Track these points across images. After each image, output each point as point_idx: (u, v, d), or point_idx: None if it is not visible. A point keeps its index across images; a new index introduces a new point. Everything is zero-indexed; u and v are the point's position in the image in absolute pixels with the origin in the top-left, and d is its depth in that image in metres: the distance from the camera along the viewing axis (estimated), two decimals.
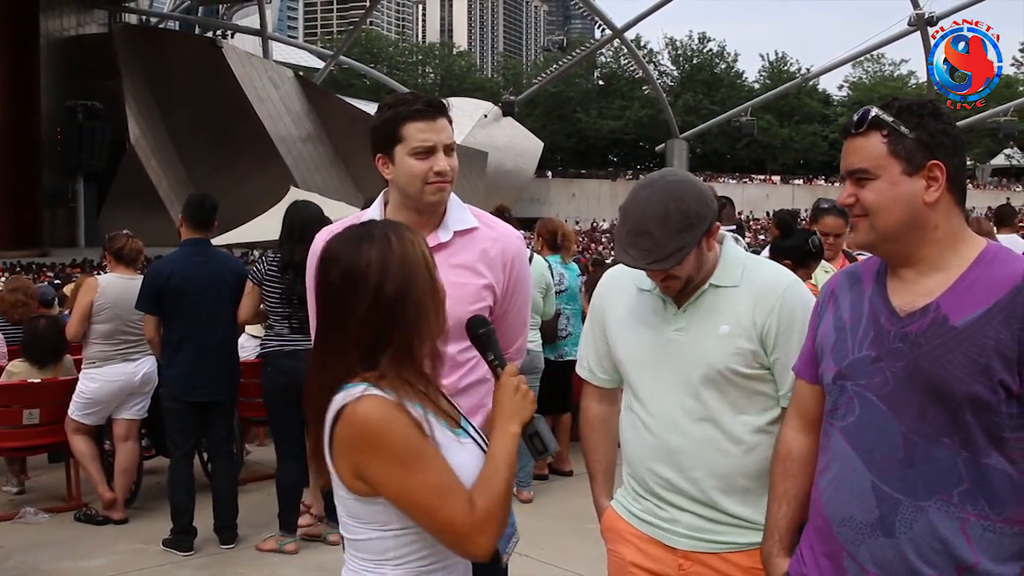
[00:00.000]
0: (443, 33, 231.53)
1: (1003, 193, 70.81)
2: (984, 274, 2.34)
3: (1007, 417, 2.27)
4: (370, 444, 2.22)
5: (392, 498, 2.26)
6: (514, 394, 2.40)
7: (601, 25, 72.66)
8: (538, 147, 68.55)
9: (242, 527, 6.97)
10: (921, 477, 2.33)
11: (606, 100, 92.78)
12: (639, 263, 2.82)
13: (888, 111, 2.41)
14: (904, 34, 66.34)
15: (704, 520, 2.95)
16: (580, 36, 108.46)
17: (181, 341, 6.65)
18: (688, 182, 2.88)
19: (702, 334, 2.93)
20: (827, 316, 2.61)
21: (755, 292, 2.93)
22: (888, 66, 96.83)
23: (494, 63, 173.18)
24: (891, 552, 2.36)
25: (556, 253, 8.53)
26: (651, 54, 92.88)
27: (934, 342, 2.32)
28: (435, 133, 3.19)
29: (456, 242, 3.33)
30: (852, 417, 2.47)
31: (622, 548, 3.12)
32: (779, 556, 2.71)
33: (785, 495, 2.73)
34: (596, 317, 3.22)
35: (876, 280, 2.52)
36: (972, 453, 2.29)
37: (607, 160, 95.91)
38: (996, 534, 2.29)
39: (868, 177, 2.42)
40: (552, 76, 78.16)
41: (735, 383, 2.92)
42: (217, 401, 6.81)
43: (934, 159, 2.36)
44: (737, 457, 2.92)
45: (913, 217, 2.39)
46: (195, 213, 6.84)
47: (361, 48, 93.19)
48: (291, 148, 54.76)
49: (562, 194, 76.01)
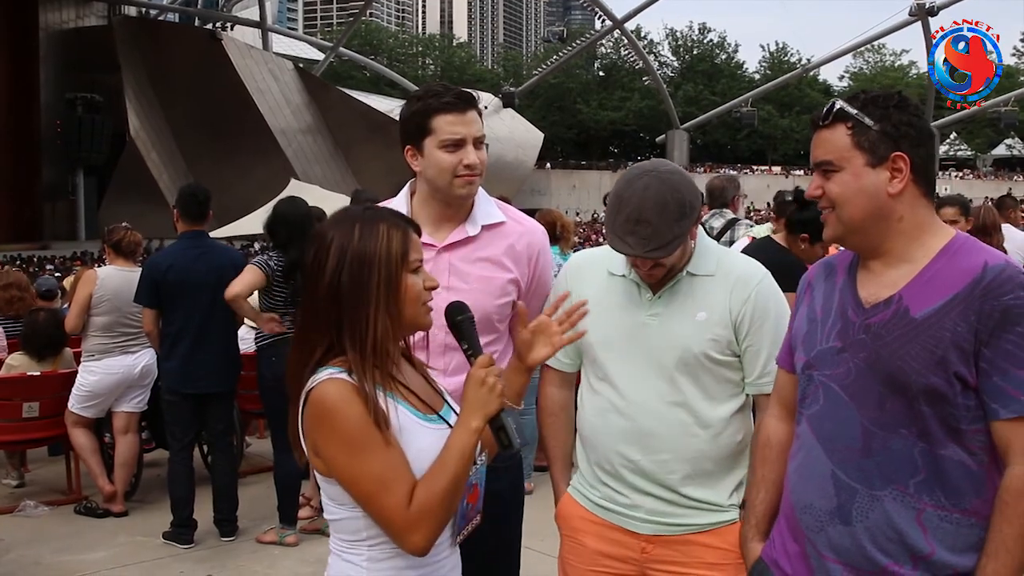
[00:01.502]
0: (443, 24, 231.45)
1: (1004, 183, 70.81)
2: (946, 266, 2.35)
3: (964, 409, 2.29)
4: (323, 424, 2.28)
5: (340, 481, 2.31)
6: (479, 387, 2.35)
7: (601, 16, 72.55)
8: (538, 138, 68.50)
9: (242, 519, 6.98)
10: (877, 467, 2.36)
11: (606, 91, 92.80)
12: (637, 251, 2.86)
13: (853, 103, 2.43)
14: (905, 24, 66.35)
15: (665, 503, 3.02)
16: (580, 27, 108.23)
17: (180, 333, 6.64)
18: (680, 173, 2.95)
19: (678, 320, 2.99)
20: (803, 306, 2.66)
21: (731, 281, 3.01)
22: (889, 56, 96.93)
23: (494, 54, 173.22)
24: (848, 540, 2.39)
25: (555, 244, 8.52)
26: (651, 45, 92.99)
27: (894, 333, 2.35)
28: (465, 126, 3.18)
29: (483, 236, 3.33)
30: (817, 406, 2.51)
31: (584, 537, 3.17)
32: (754, 540, 2.76)
33: (763, 480, 2.78)
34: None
35: (848, 272, 2.55)
36: (929, 444, 2.31)
37: (607, 151, 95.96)
38: (953, 524, 2.31)
39: (833, 169, 2.45)
40: (552, 67, 78.16)
41: (708, 369, 2.99)
42: (216, 393, 6.80)
43: (898, 151, 2.38)
44: (705, 441, 3.00)
45: (877, 208, 2.41)
46: (190, 206, 6.83)
47: (361, 40, 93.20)
48: (291, 140, 54.74)
49: (562, 185, 76.00)
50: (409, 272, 2.38)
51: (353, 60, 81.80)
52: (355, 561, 2.39)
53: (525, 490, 3.69)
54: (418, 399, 2.42)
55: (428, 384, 2.54)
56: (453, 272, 3.26)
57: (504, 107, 66.47)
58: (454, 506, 2.33)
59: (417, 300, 2.40)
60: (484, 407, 2.33)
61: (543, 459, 8.44)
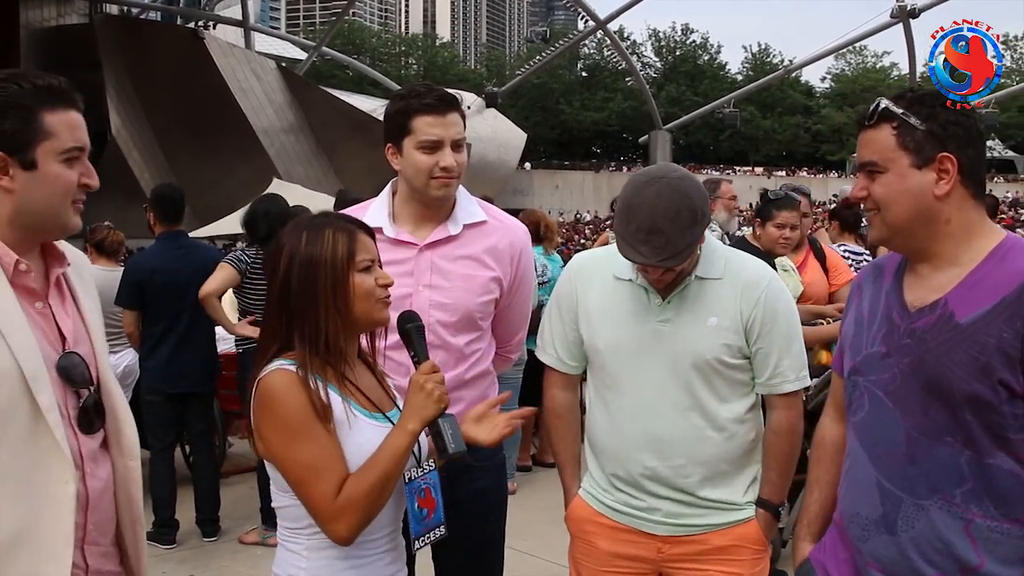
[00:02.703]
0: (426, 24, 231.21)
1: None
2: (995, 270, 2.28)
3: (1011, 418, 2.21)
4: (265, 409, 2.39)
5: (275, 465, 2.42)
6: (418, 392, 2.45)
7: (584, 16, 72.42)
8: (521, 138, 68.39)
9: (225, 520, 6.97)
10: (923, 475, 2.30)
11: (589, 91, 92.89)
12: (651, 260, 2.83)
13: (899, 102, 2.37)
14: (886, 26, 66.41)
15: (682, 506, 3.03)
16: (563, 27, 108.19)
17: (166, 334, 6.62)
18: (691, 179, 2.91)
19: (689, 325, 2.97)
20: (851, 310, 2.60)
21: (740, 284, 2.99)
22: (871, 58, 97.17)
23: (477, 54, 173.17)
24: (894, 550, 2.34)
25: (539, 244, 8.52)
26: (634, 45, 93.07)
27: (939, 339, 2.28)
28: (443, 128, 3.19)
29: (465, 235, 3.34)
30: (862, 413, 2.46)
31: (597, 540, 3.16)
32: (804, 540, 2.73)
33: (817, 481, 2.75)
34: (566, 304, 3.22)
35: (896, 275, 2.48)
36: (975, 453, 2.24)
37: (590, 151, 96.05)
38: (1003, 535, 2.24)
39: (878, 170, 2.38)
40: (535, 67, 77.99)
41: (720, 372, 2.98)
42: (197, 393, 6.78)
43: (945, 151, 2.31)
44: (719, 444, 3.00)
45: (923, 211, 2.34)
46: (167, 207, 6.82)
47: (344, 39, 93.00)
48: (273, 139, 54.49)
49: (545, 185, 75.89)
50: (357, 272, 2.47)
51: (336, 59, 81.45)
52: (296, 549, 2.48)
53: (508, 490, 3.69)
54: (365, 398, 2.50)
55: (380, 386, 2.63)
56: (435, 270, 3.27)
57: (487, 107, 66.30)
58: (381, 501, 2.39)
59: (369, 297, 2.49)
60: (422, 411, 2.44)
61: (526, 459, 8.51)
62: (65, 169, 2.27)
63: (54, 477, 2.20)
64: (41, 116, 2.23)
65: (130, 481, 2.46)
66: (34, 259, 2.33)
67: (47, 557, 2.19)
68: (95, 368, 2.39)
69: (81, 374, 2.32)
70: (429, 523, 2.57)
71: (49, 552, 2.19)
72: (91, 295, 2.53)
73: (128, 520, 2.48)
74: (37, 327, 2.26)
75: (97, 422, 2.37)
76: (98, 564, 2.38)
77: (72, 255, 2.46)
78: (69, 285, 2.43)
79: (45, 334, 2.28)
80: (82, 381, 2.32)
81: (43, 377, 2.20)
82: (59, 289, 2.39)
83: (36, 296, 2.31)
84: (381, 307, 2.53)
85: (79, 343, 2.37)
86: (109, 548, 2.44)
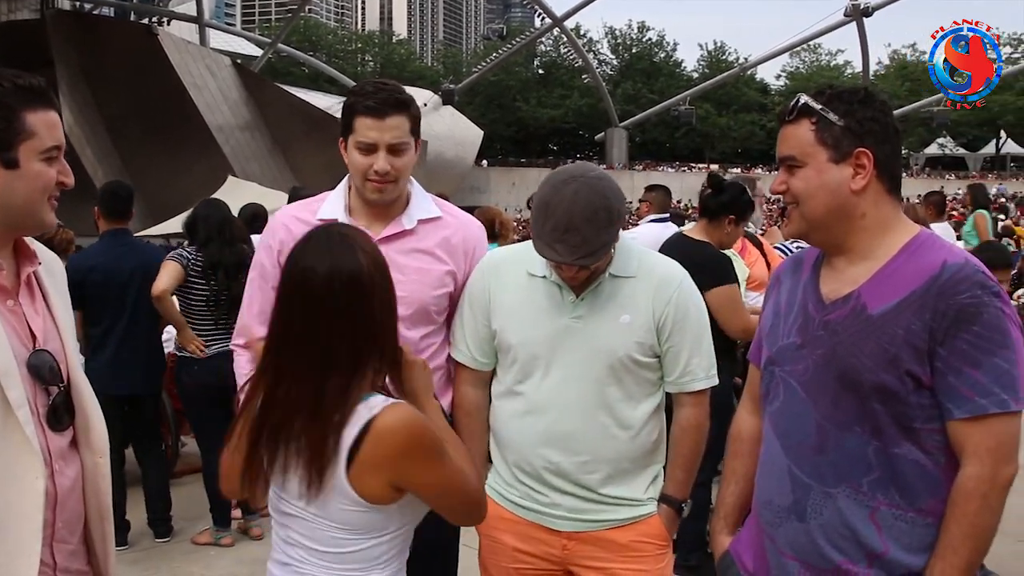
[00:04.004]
0: (383, 21, 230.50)
1: (937, 182, 71.87)
2: (906, 264, 2.33)
3: (917, 408, 2.27)
4: (413, 449, 2.24)
5: (433, 493, 2.31)
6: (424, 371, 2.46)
7: (541, 14, 72.66)
8: (478, 136, 68.43)
9: (178, 520, 6.91)
10: (831, 464, 2.36)
11: (546, 89, 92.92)
12: (567, 258, 2.85)
13: (819, 98, 2.40)
14: (840, 24, 67.18)
15: (584, 501, 3.05)
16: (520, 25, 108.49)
17: (103, 335, 6.51)
18: (608, 179, 2.95)
19: (602, 323, 3.00)
20: (770, 301, 2.65)
21: (654, 283, 3.02)
22: (825, 56, 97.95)
23: (434, 51, 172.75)
24: (803, 536, 2.39)
25: (494, 242, 8.52)
26: (591, 43, 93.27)
27: (851, 330, 2.33)
28: (379, 132, 3.18)
29: (420, 230, 3.36)
30: (777, 402, 2.51)
31: (503, 536, 3.17)
32: (722, 533, 2.77)
33: (733, 474, 2.78)
34: (478, 300, 3.22)
35: (814, 268, 2.53)
36: (882, 442, 2.30)
37: (547, 149, 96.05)
38: (908, 524, 2.30)
39: (796, 164, 2.43)
40: (492, 65, 78.16)
41: (631, 371, 3.01)
42: (142, 394, 6.70)
43: (862, 146, 2.35)
44: (625, 442, 3.03)
45: (839, 205, 2.39)
46: (113, 203, 6.69)
47: (300, 36, 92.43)
48: (229, 137, 54.16)
49: (502, 183, 75.96)
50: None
51: (292, 56, 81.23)
52: None
53: None
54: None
55: None
56: (389, 264, 3.26)
57: (444, 104, 66.34)
58: None
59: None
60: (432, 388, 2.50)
61: None
62: (45, 167, 2.30)
63: (24, 473, 2.21)
64: (23, 116, 2.26)
65: (99, 477, 2.47)
66: (6, 257, 2.35)
67: (15, 552, 2.20)
68: (65, 365, 2.40)
69: (51, 371, 2.33)
70: None
71: (17, 547, 2.20)
72: (61, 293, 2.53)
73: (96, 516, 2.48)
74: (7, 324, 2.27)
75: (66, 419, 2.38)
76: (66, 562, 2.39)
77: (43, 254, 2.47)
78: (40, 283, 2.44)
79: (16, 331, 2.30)
80: (52, 378, 2.33)
81: (13, 373, 2.22)
82: (29, 287, 2.40)
83: (7, 294, 2.33)
84: None
85: (49, 341, 2.39)
86: (77, 546, 2.44)
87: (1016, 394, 2.23)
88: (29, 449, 2.22)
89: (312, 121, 52.73)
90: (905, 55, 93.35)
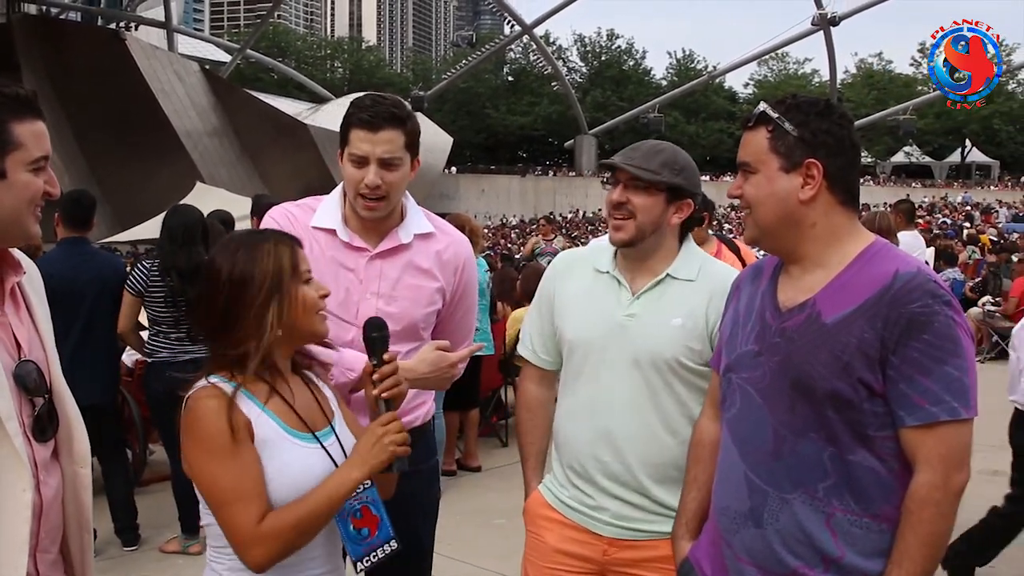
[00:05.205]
0: (352, 28, 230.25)
1: (903, 189, 72.49)
2: (859, 273, 2.36)
3: (871, 415, 2.30)
4: (188, 428, 2.36)
5: (196, 485, 2.39)
6: (373, 443, 2.44)
7: (510, 21, 72.84)
8: (447, 143, 68.35)
9: (146, 528, 6.87)
10: (787, 470, 2.38)
11: (515, 96, 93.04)
12: (616, 160, 2.99)
13: (778, 107, 2.45)
14: (808, 33, 67.68)
15: (630, 507, 3.03)
16: (490, 32, 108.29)
17: (60, 343, 6.41)
18: (690, 160, 3.10)
19: (654, 323, 3.00)
20: (729, 309, 2.68)
21: (711, 289, 3.01)
22: (792, 64, 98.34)
23: (403, 58, 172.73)
24: (760, 542, 2.41)
25: None
26: (560, 51, 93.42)
27: (806, 338, 2.36)
28: (371, 144, 3.17)
29: (415, 244, 3.34)
30: (734, 409, 2.54)
31: (545, 533, 3.18)
32: (683, 539, 2.78)
33: (695, 480, 2.79)
34: (545, 297, 3.27)
35: (772, 276, 2.56)
36: (838, 449, 2.33)
37: (516, 156, 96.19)
38: (863, 529, 2.32)
39: (751, 171, 2.47)
40: (461, 72, 78.21)
41: (679, 375, 2.99)
42: (99, 404, 6.60)
43: (812, 158, 2.39)
44: (671, 448, 2.99)
45: (788, 214, 2.43)
46: (73, 211, 6.58)
47: (269, 42, 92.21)
48: (197, 143, 53.90)
49: (471, 190, 75.96)
50: (302, 283, 2.46)
51: (260, 62, 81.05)
52: (218, 569, 2.45)
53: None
54: (296, 416, 2.46)
55: (316, 402, 2.58)
56: (384, 279, 3.28)
57: (413, 111, 66.33)
58: (305, 538, 2.38)
59: (313, 309, 2.48)
60: (371, 460, 2.41)
61: (450, 463, 8.50)
62: (33, 178, 2.28)
63: (12, 485, 2.21)
64: (10, 127, 2.23)
65: (80, 488, 2.46)
66: None
67: (3, 562, 2.19)
68: (48, 376, 2.41)
69: (35, 381, 2.32)
70: (373, 541, 2.52)
71: (5, 557, 2.20)
72: (42, 302, 2.53)
73: (76, 527, 2.48)
74: None
75: (50, 430, 2.38)
76: (48, 572, 2.39)
77: (26, 264, 2.45)
78: (23, 294, 2.43)
79: (2, 342, 2.29)
80: (36, 389, 2.33)
81: (2, 384, 2.21)
82: (14, 297, 2.39)
83: None
84: (321, 319, 2.52)
85: (33, 351, 2.38)
86: (57, 556, 2.44)
87: (966, 402, 2.26)
88: (18, 462, 2.21)
89: (280, 127, 52.64)
90: (871, 64, 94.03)
